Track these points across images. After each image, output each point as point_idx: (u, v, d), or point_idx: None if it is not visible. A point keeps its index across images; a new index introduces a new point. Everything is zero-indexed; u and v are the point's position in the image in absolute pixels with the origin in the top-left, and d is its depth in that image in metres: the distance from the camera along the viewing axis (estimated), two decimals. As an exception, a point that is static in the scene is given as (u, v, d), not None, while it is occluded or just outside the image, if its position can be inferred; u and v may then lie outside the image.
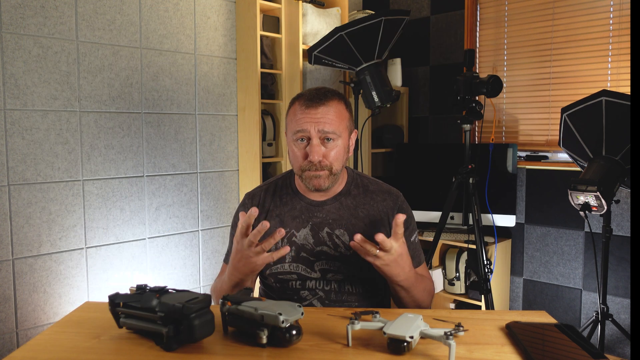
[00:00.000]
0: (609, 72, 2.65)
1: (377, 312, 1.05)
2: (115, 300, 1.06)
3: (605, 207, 2.06)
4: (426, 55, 3.33)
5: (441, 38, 3.24)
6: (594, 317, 2.31)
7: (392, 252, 1.18)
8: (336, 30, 2.41)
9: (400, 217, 1.17)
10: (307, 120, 1.31)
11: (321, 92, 1.35)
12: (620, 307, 2.63)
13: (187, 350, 0.99)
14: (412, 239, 1.44)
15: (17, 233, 2.13)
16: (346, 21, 3.01)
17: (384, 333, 0.97)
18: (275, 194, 1.46)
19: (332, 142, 1.33)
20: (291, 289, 1.40)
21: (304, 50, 2.79)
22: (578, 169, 2.48)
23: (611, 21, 2.63)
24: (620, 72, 2.61)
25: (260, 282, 1.52)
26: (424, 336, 0.99)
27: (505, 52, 3.01)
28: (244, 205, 1.47)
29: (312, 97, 1.33)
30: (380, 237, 1.15)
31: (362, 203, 1.43)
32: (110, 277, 2.41)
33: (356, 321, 1.02)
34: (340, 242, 1.38)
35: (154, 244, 2.57)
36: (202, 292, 1.23)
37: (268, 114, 2.85)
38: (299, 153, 1.34)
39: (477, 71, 3.00)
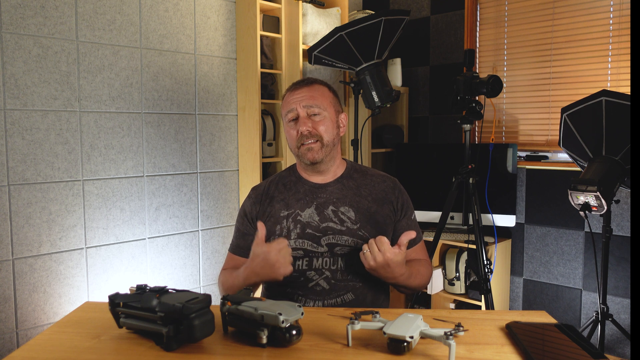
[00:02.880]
0: (609, 72, 2.65)
1: (377, 312, 1.05)
2: (115, 300, 1.06)
3: (605, 207, 2.06)
4: (426, 55, 3.33)
5: (441, 38, 3.24)
6: (594, 317, 2.31)
7: (384, 255, 1.27)
8: (336, 30, 2.41)
9: (410, 235, 1.29)
10: (293, 101, 1.47)
11: (305, 79, 1.53)
12: (620, 307, 2.63)
13: (187, 350, 0.99)
14: (412, 218, 1.55)
15: (17, 233, 2.13)
16: (346, 21, 3.01)
17: (384, 333, 0.97)
18: (280, 182, 1.55)
19: (318, 115, 1.46)
20: (297, 270, 1.42)
21: (304, 50, 2.79)
22: (578, 169, 2.48)
23: (611, 21, 2.63)
24: (620, 72, 2.61)
25: None
26: (424, 336, 0.99)
27: (505, 52, 3.01)
28: (249, 197, 1.56)
29: (297, 83, 1.52)
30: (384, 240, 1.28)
31: (363, 184, 1.52)
32: (110, 277, 2.41)
33: (356, 321, 1.02)
34: (346, 217, 1.45)
35: (154, 244, 2.57)
36: (202, 292, 1.23)
37: (268, 114, 2.85)
38: (293, 132, 1.47)
39: (477, 71, 2.99)
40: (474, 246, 2.45)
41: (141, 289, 1.07)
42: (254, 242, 1.30)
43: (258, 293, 1.60)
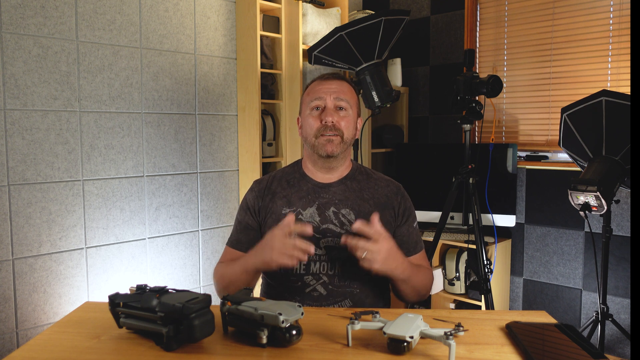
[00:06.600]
0: (609, 72, 2.65)
1: (377, 312, 1.05)
2: (115, 300, 1.06)
3: (605, 207, 2.06)
4: (426, 55, 3.33)
5: (441, 38, 3.24)
6: (594, 317, 2.31)
7: (379, 244, 1.24)
8: (336, 30, 2.41)
9: (375, 216, 1.28)
10: (323, 91, 1.46)
11: (335, 73, 1.53)
12: (620, 307, 2.63)
13: (187, 350, 0.99)
14: (414, 225, 1.53)
15: (17, 233, 2.13)
16: (346, 21, 3.01)
17: (384, 333, 0.97)
18: (283, 179, 1.53)
19: (344, 111, 1.46)
20: (295, 275, 1.41)
21: (304, 50, 2.79)
22: (578, 169, 2.48)
23: (611, 21, 2.63)
24: (620, 72, 2.61)
25: (263, 271, 1.52)
26: (424, 336, 0.99)
27: (505, 52, 3.01)
28: (252, 190, 1.55)
29: (327, 75, 1.51)
30: (375, 218, 1.27)
31: (366, 187, 1.51)
32: (110, 277, 2.41)
33: (356, 321, 1.02)
34: (346, 220, 1.44)
35: (154, 244, 2.57)
36: (202, 292, 1.23)
37: (268, 114, 2.85)
38: (314, 120, 1.45)
39: (477, 71, 2.99)
40: (474, 246, 2.45)
41: (141, 289, 1.07)
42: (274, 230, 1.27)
43: (257, 293, 1.59)
